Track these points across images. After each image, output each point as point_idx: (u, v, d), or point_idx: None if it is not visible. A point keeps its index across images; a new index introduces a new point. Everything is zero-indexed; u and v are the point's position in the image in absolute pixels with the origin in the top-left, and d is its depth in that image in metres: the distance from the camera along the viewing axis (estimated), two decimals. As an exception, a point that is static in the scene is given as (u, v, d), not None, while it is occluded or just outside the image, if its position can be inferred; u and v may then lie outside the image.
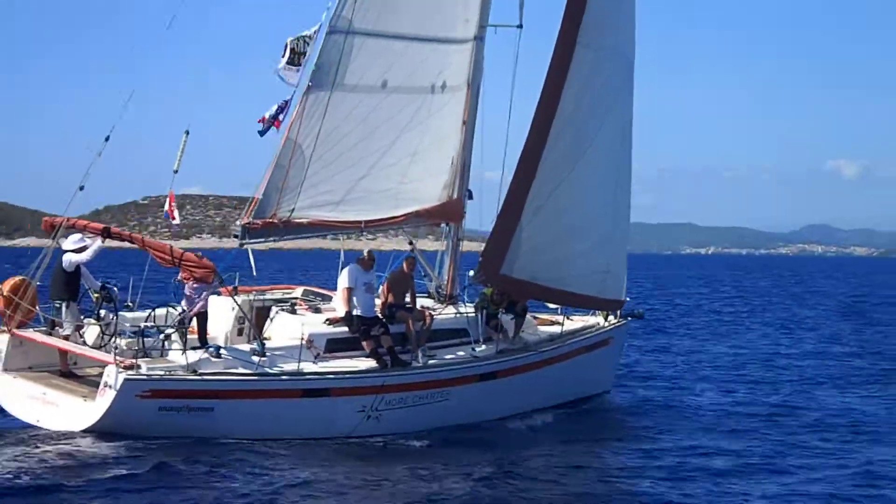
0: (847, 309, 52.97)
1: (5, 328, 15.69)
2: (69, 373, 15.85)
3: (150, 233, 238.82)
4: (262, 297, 17.10)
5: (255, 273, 16.91)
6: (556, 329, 19.46)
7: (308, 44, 15.60)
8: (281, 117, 15.76)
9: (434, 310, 17.47)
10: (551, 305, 20.20)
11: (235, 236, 16.23)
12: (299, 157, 15.96)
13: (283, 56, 15.55)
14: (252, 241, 16.22)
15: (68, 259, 15.70)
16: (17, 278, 15.75)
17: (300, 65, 15.59)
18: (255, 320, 16.36)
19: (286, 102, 15.76)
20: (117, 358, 14.19)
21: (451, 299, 18.51)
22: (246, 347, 15.46)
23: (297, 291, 18.20)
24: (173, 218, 17.06)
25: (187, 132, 15.58)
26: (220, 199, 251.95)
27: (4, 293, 15.57)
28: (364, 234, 17.70)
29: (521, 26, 18.05)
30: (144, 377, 14.24)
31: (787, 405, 20.54)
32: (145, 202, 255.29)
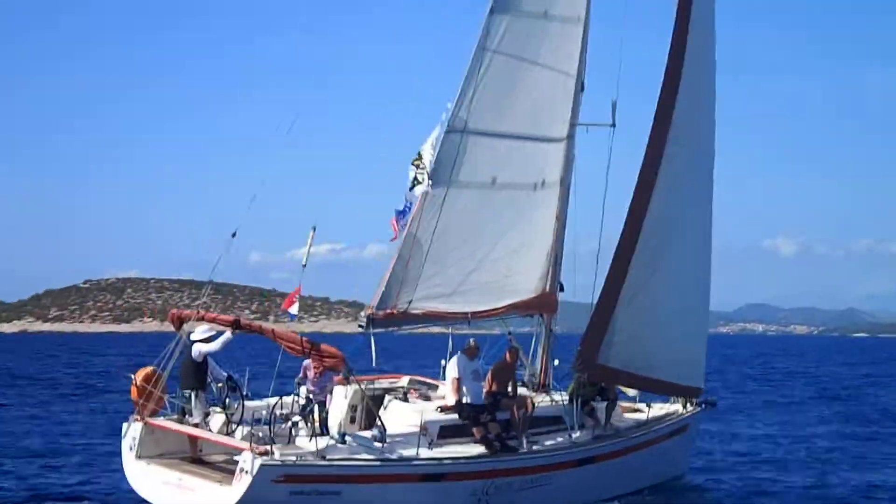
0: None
1: (139, 417, 16.19)
2: (198, 459, 16.23)
3: (91, 316, 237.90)
4: (373, 387, 17.66)
5: (374, 363, 17.45)
6: (640, 416, 20.13)
7: (418, 167, 16.57)
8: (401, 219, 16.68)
9: (534, 398, 18.15)
10: (630, 392, 20.86)
11: (361, 326, 16.88)
12: (418, 251, 16.72)
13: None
14: (376, 330, 16.85)
15: (197, 349, 16.14)
16: (149, 368, 16.18)
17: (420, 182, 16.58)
18: (367, 408, 16.99)
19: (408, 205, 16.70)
20: (253, 444, 14.80)
21: (545, 388, 19.18)
22: (368, 434, 15.90)
23: (404, 380, 18.65)
24: (289, 305, 17.59)
25: (314, 228, 16.34)
26: (160, 282, 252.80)
27: (137, 383, 16.10)
28: (471, 323, 18.35)
29: (614, 125, 18.99)
30: (278, 463, 14.57)
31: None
32: (86, 285, 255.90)
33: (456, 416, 16.76)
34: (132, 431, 16.16)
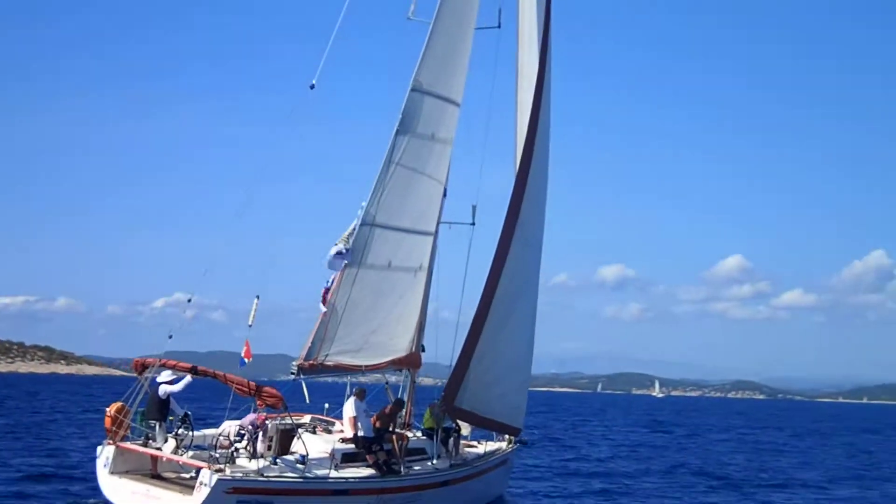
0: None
1: (111, 441, 19.46)
2: (157, 475, 19.56)
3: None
4: (284, 422, 21.70)
5: (307, 401, 21.46)
6: (476, 450, 25.00)
7: (347, 240, 21.09)
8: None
9: (406, 434, 22.70)
10: (464, 431, 25.67)
11: (292, 373, 20.97)
12: (334, 317, 21.04)
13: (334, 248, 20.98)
14: (302, 377, 20.97)
15: (164, 389, 19.54)
16: (119, 403, 19.48)
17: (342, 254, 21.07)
18: (280, 439, 20.98)
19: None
20: (210, 463, 18.61)
21: (409, 426, 23.77)
22: (292, 458, 19.95)
23: (306, 418, 22.63)
24: (248, 358, 21.42)
25: (258, 297, 20.47)
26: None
27: (111, 414, 19.54)
28: (365, 374, 22.77)
29: (473, 224, 24.14)
30: (230, 478, 18.17)
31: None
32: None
33: (353, 445, 20.84)
34: (106, 452, 19.35)
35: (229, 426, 20.19)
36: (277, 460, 19.52)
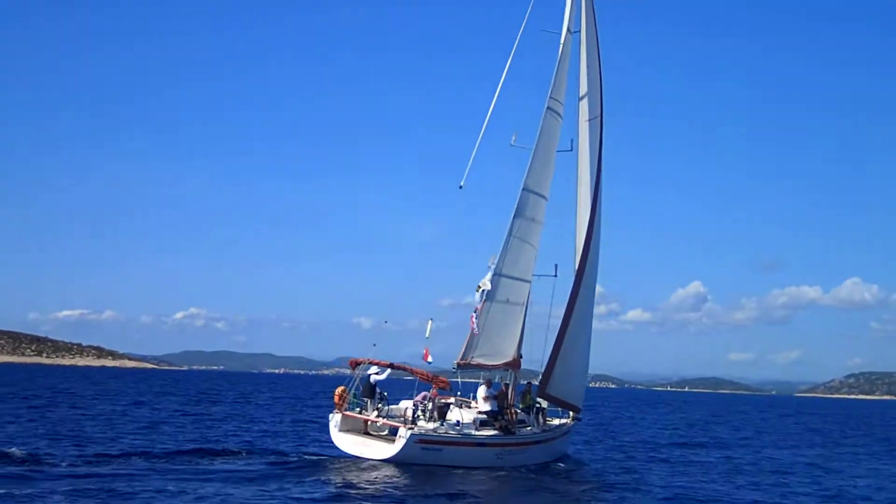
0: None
1: (338, 410, 30.08)
2: (367, 433, 30.30)
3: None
4: (442, 400, 32.38)
5: (459, 388, 32.58)
6: (555, 422, 35.98)
7: (479, 290, 32.07)
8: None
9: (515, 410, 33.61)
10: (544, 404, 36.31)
11: (453, 370, 32.08)
12: (477, 334, 32.18)
13: (477, 293, 31.99)
14: (459, 371, 32.10)
15: (373, 378, 30.55)
16: (342, 387, 30.33)
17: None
18: (440, 410, 31.65)
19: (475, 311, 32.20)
20: (405, 424, 29.49)
21: (512, 405, 34.71)
22: (453, 421, 30.70)
23: (452, 399, 33.31)
24: (428, 359, 31.99)
25: (432, 319, 31.55)
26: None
27: (337, 393, 30.35)
28: (491, 371, 33.74)
29: (555, 276, 35.09)
30: (417, 433, 28.84)
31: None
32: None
33: (485, 416, 31.56)
34: (335, 418, 30.15)
35: (406, 403, 31.19)
36: (443, 423, 30.43)
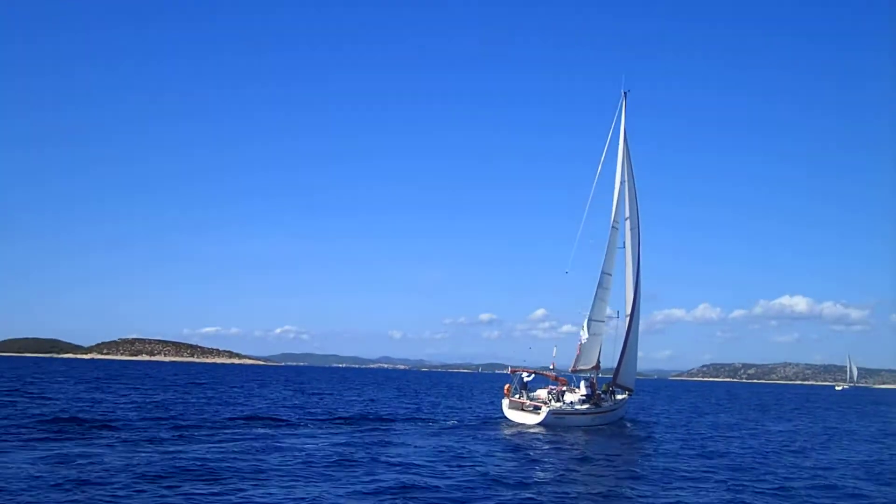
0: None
1: (506, 397, 52.97)
2: (522, 409, 53.05)
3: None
4: (562, 388, 56.08)
5: (575, 384, 56.76)
6: (620, 397, 59.64)
7: (582, 329, 56.14)
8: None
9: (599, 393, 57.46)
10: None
11: (569, 372, 56.16)
12: (579, 354, 56.33)
13: (582, 332, 56.10)
14: (573, 373, 56.16)
15: (524, 379, 53.84)
16: (508, 384, 53.87)
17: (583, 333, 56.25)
18: (560, 395, 55.14)
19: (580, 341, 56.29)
20: (546, 403, 53.38)
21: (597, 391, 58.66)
22: (568, 401, 54.11)
23: (565, 387, 57.22)
24: (552, 367, 56.52)
25: (556, 346, 55.76)
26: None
27: (506, 387, 54.25)
28: (587, 372, 57.66)
29: (617, 317, 59.31)
30: (552, 409, 51.72)
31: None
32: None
33: (584, 397, 54.71)
34: (505, 401, 52.68)
35: (541, 391, 55.08)
36: (565, 403, 54.25)
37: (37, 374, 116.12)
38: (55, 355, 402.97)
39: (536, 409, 50.33)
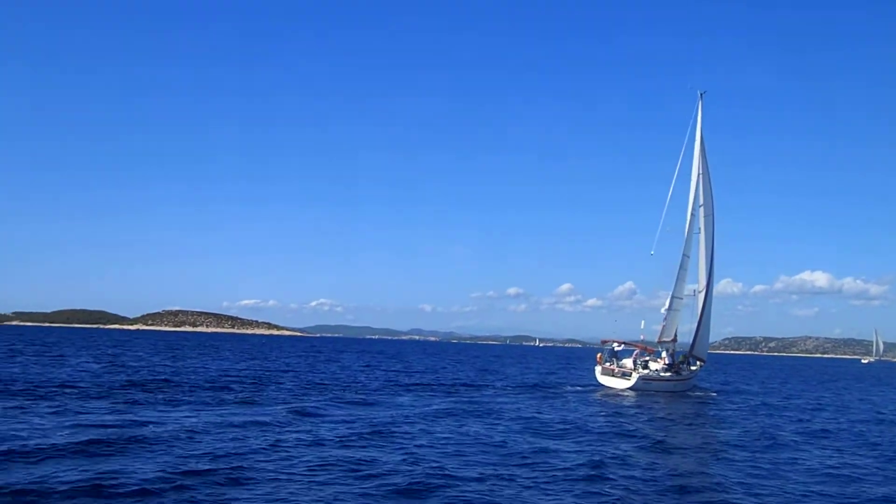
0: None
1: (599, 364, 60.33)
2: (612, 375, 60.04)
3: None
4: (645, 357, 62.63)
5: (658, 353, 63.21)
6: (695, 367, 66.22)
7: (664, 307, 62.48)
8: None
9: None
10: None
11: (656, 343, 62.63)
12: (664, 325, 62.72)
13: (662, 309, 62.47)
14: (659, 344, 62.50)
15: (615, 349, 60.89)
16: (599, 353, 61.16)
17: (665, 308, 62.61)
18: (644, 364, 61.81)
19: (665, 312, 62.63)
20: (636, 370, 59.90)
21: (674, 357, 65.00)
22: (653, 369, 60.70)
23: (647, 357, 63.68)
24: (641, 338, 62.94)
25: (644, 320, 62.32)
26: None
27: (598, 357, 61.08)
28: (669, 343, 63.98)
29: (695, 294, 65.67)
30: (641, 374, 58.52)
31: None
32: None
33: (667, 366, 61.16)
34: (598, 368, 60.17)
35: (628, 360, 61.62)
36: (651, 370, 60.76)
37: (111, 344, 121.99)
38: (101, 326, 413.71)
39: (625, 375, 57.28)
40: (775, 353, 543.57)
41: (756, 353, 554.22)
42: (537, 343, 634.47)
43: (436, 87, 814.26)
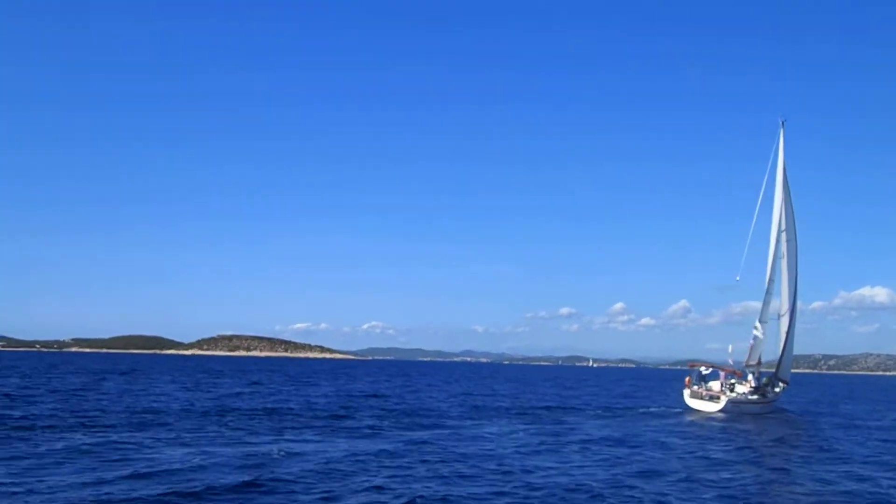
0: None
1: (687, 387, 61.53)
2: (700, 398, 60.91)
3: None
4: (731, 380, 63.89)
5: (744, 376, 64.46)
6: (778, 389, 67.25)
7: (756, 329, 63.84)
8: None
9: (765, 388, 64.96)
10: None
11: (744, 368, 63.80)
12: (752, 345, 63.95)
13: (754, 332, 63.82)
14: (746, 368, 63.79)
15: (704, 372, 62.05)
16: (688, 377, 62.54)
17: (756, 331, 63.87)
18: (731, 387, 63.13)
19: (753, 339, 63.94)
20: (723, 392, 61.10)
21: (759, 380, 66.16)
22: (740, 392, 61.95)
23: (733, 380, 64.95)
24: (729, 361, 64.29)
25: (731, 344, 63.56)
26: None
27: (686, 379, 62.62)
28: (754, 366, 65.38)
29: (779, 317, 66.95)
30: (730, 397, 59.44)
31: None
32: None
33: (753, 388, 62.13)
34: (686, 391, 61.31)
35: (715, 383, 62.86)
36: (738, 394, 61.87)
37: (201, 373, 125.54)
38: (158, 351, 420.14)
39: (713, 398, 58.63)
40: (835, 371, 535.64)
41: (815, 370, 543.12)
42: (591, 363, 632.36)
43: (489, 96, 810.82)
